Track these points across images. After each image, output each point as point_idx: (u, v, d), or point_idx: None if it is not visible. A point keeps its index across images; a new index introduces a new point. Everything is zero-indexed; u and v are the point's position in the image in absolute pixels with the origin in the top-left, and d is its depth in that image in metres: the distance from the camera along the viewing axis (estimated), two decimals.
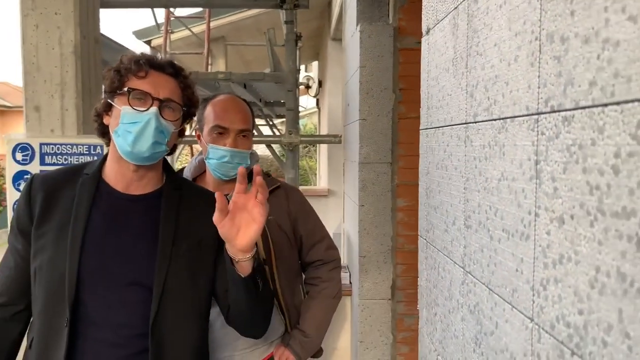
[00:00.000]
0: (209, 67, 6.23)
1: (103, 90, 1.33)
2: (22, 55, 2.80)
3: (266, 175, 1.81)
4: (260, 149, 16.90)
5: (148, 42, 7.30)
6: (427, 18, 1.16)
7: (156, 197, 1.37)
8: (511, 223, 0.70)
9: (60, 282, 1.24)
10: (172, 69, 1.34)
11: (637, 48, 0.43)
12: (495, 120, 0.76)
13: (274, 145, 3.76)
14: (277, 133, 8.56)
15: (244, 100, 1.78)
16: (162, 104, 1.29)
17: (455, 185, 0.95)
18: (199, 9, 7.02)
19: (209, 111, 1.68)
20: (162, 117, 1.28)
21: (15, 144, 2.81)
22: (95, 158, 3.04)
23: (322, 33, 9.20)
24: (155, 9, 5.47)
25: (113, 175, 1.34)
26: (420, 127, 1.21)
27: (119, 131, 1.27)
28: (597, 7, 0.49)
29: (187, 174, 1.78)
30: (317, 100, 10.80)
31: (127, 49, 3.96)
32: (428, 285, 1.15)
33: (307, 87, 10.41)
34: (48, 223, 1.30)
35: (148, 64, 1.30)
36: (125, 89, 1.27)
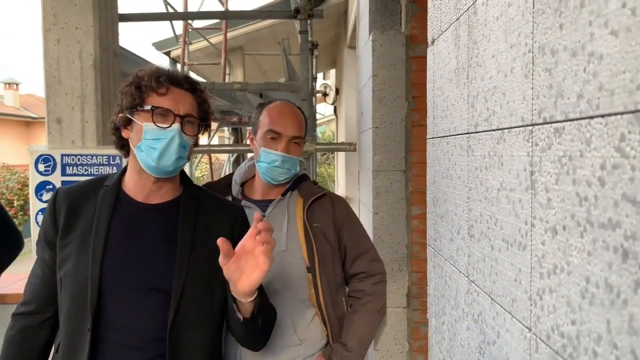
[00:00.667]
0: (227, 77, 6.31)
1: (120, 104, 1.35)
2: (44, 69, 2.89)
3: (313, 183, 1.83)
4: None
5: (167, 53, 7.44)
6: (432, 29, 1.17)
7: (174, 205, 1.41)
8: (510, 233, 0.70)
9: (83, 289, 1.29)
10: (189, 85, 1.38)
11: (619, 62, 0.44)
12: (494, 130, 0.76)
13: None
14: None
15: (299, 109, 1.81)
16: (183, 120, 1.33)
17: (459, 195, 0.96)
18: (216, 20, 7.12)
19: (264, 116, 1.72)
20: (183, 132, 1.33)
21: (38, 155, 2.89)
22: (115, 168, 3.11)
23: (339, 41, 9.25)
24: (174, 22, 5.57)
25: (133, 186, 1.38)
26: (427, 136, 1.22)
27: (142, 147, 1.31)
28: (583, 21, 0.50)
29: (236, 178, 1.80)
30: (335, 108, 10.83)
31: (145, 61, 4.05)
32: (436, 294, 1.16)
33: (325, 94, 10.46)
34: (72, 233, 1.35)
35: (169, 81, 1.34)
36: (149, 107, 1.30)
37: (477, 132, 0.84)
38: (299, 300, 1.68)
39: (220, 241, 1.17)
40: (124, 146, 1.39)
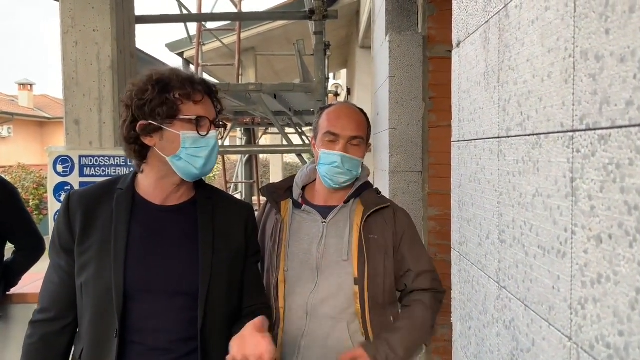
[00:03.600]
0: (240, 77, 6.33)
1: (137, 110, 1.29)
2: (63, 71, 2.92)
3: (376, 192, 1.78)
4: (291, 156, 16.97)
5: (180, 54, 7.48)
6: (457, 31, 1.16)
7: (191, 206, 1.42)
8: (547, 240, 0.69)
9: (107, 295, 1.29)
10: (207, 88, 1.38)
11: None
12: (529, 135, 0.75)
13: (304, 154, 3.79)
14: (307, 141, 8.62)
15: (361, 110, 1.77)
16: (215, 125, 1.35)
17: (488, 199, 0.95)
18: (228, 22, 7.14)
19: (323, 119, 1.70)
20: None
21: (56, 156, 2.92)
22: (131, 169, 3.14)
23: (351, 41, 9.24)
24: (187, 23, 5.60)
25: (152, 189, 1.38)
26: (452, 139, 1.21)
27: (182, 155, 1.31)
28: (633, 26, 0.49)
29: (297, 181, 1.78)
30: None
31: (161, 62, 4.07)
32: (462, 298, 1.15)
33: (336, 95, 10.45)
34: (90, 239, 1.34)
35: (204, 90, 1.34)
36: (191, 116, 1.29)
37: (509, 137, 0.83)
38: (352, 314, 1.63)
39: None
40: (145, 155, 1.34)
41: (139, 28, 3.45)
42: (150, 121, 1.29)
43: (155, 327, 1.31)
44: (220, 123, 1.39)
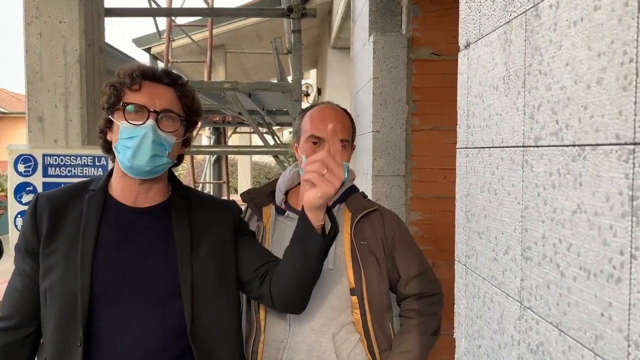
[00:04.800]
0: (211, 75, 6.17)
1: (102, 106, 1.31)
2: (26, 64, 2.74)
3: (362, 196, 1.72)
4: (260, 156, 16.81)
5: (148, 50, 7.26)
6: (466, 31, 1.10)
7: (165, 207, 1.35)
8: (593, 262, 0.63)
9: (72, 300, 1.21)
10: (168, 79, 1.32)
11: None
12: (567, 146, 0.69)
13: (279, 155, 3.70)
14: (277, 142, 8.52)
15: (344, 111, 1.70)
16: (159, 116, 1.26)
17: (507, 212, 0.89)
18: (199, 17, 6.97)
19: (305, 121, 1.62)
20: (160, 129, 1.26)
21: (17, 155, 2.73)
22: (100, 170, 2.97)
23: (321, 41, 9.19)
24: (157, 18, 5.42)
25: (120, 189, 1.32)
26: (458, 146, 1.15)
27: (118, 147, 1.26)
28: None
29: (280, 186, 1.70)
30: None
31: (131, 58, 3.89)
32: (469, 314, 1.09)
33: (306, 94, 10.38)
34: (56, 241, 1.26)
35: (141, 76, 1.28)
36: (121, 103, 1.25)
37: (538, 147, 0.77)
38: (341, 325, 1.56)
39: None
40: (110, 149, 1.33)
41: (105, 21, 3.28)
42: (107, 115, 1.29)
43: (125, 336, 1.23)
44: (174, 115, 1.30)
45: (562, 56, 0.71)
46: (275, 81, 3.75)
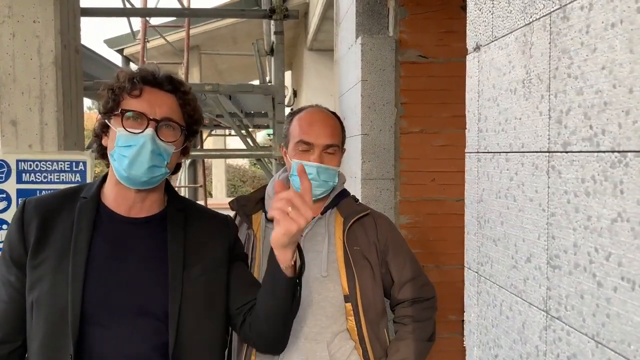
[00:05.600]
0: (187, 76, 6.06)
1: (99, 109, 1.26)
2: None
3: (353, 200, 1.68)
4: (234, 159, 16.63)
5: (120, 51, 7.08)
6: (475, 34, 1.08)
7: (160, 219, 1.28)
8: (638, 272, 0.61)
9: (61, 315, 1.14)
10: (170, 85, 1.25)
11: None
12: (604, 152, 0.67)
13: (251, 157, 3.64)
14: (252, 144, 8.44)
15: (334, 114, 1.65)
16: (159, 124, 1.19)
17: (530, 219, 0.86)
18: (174, 18, 6.85)
19: (294, 125, 1.57)
20: (160, 138, 1.19)
21: None
22: (78, 175, 2.86)
23: (297, 43, 9.15)
24: (131, 19, 5.29)
25: (113, 198, 1.25)
26: (467, 150, 1.13)
27: (114, 155, 1.20)
28: None
29: (269, 193, 1.64)
30: (292, 109, 10.74)
31: (108, 61, 3.77)
32: (482, 322, 1.06)
33: None
34: (45, 251, 1.19)
35: (142, 81, 1.21)
36: (120, 109, 1.19)
37: (567, 152, 0.75)
38: (335, 332, 1.53)
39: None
40: (104, 155, 1.27)
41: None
42: (101, 117, 1.24)
43: (117, 352, 1.17)
44: (174, 124, 1.23)
45: (597, 59, 0.69)
46: (256, 83, 3.69)
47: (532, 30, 0.85)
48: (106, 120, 1.22)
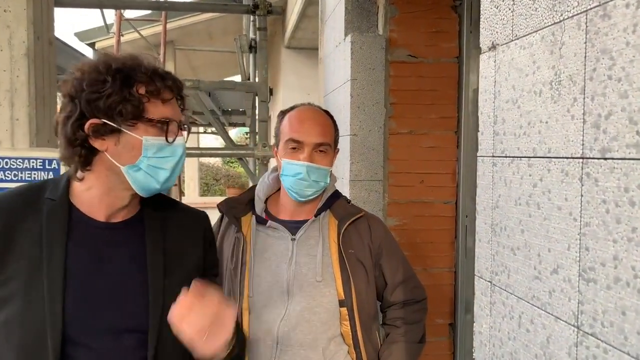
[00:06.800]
0: None
1: (97, 107, 1.03)
2: None
3: (346, 201, 1.61)
4: (207, 158, 16.38)
5: (91, 45, 6.84)
6: (492, 32, 1.03)
7: (139, 220, 1.17)
8: None
9: (39, 337, 1.01)
10: (178, 86, 1.13)
11: None
12: None
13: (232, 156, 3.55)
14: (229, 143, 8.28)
15: (326, 112, 1.58)
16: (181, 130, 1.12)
17: (558, 228, 0.82)
18: (150, 11, 6.66)
19: (284, 124, 1.50)
20: None
21: None
22: (51, 174, 2.71)
23: (273, 41, 9.03)
24: (104, 11, 5.10)
25: (95, 204, 1.11)
26: (480, 154, 1.08)
27: (142, 165, 1.06)
28: None
29: (259, 194, 1.57)
30: (267, 109, 10.61)
31: (81, 54, 3.60)
32: (496, 334, 1.02)
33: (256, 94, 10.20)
34: (10, 264, 1.05)
35: (175, 87, 1.09)
36: (162, 119, 1.06)
37: (607, 159, 0.71)
38: (330, 338, 1.48)
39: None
40: (90, 160, 1.07)
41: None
42: (105, 120, 1.03)
43: None
44: (186, 127, 1.15)
45: None
46: (234, 79, 3.60)
47: (564, 29, 0.80)
48: (118, 125, 1.05)
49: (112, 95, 1.03)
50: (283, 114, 1.58)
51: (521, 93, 0.93)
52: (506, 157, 0.98)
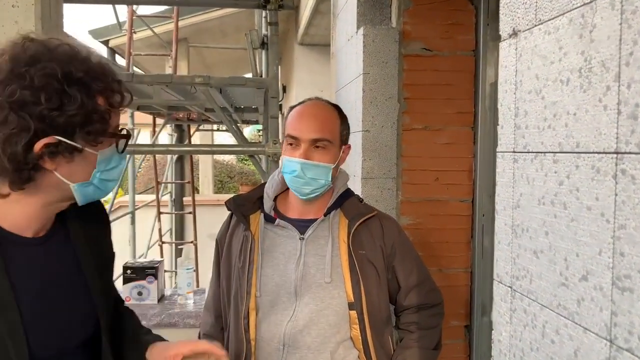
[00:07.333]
0: (176, 69, 5.88)
1: (53, 124, 0.89)
2: None
3: (358, 200, 1.56)
4: (222, 155, 16.41)
5: (105, 42, 6.85)
6: (513, 18, 0.96)
7: (59, 228, 1.06)
8: None
9: None
10: (126, 90, 1.04)
11: None
12: None
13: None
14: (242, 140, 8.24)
15: (335, 107, 1.53)
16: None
17: (587, 230, 0.74)
18: (162, 8, 6.65)
19: (287, 120, 1.47)
20: None
21: None
22: None
23: (287, 37, 8.99)
24: (117, 8, 5.08)
25: (25, 220, 0.97)
26: (500, 150, 1.00)
27: (95, 181, 0.97)
28: None
29: (268, 192, 1.52)
30: (280, 106, 10.58)
31: (92, 49, 3.56)
32: (517, 344, 0.94)
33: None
34: None
35: (125, 89, 1.00)
36: (120, 130, 0.99)
37: None
38: (339, 341, 1.43)
39: None
40: (29, 179, 0.92)
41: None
42: (63, 139, 0.90)
43: None
44: (126, 130, 1.05)
45: None
46: (249, 76, 3.55)
47: (595, 10, 0.72)
48: (81, 145, 0.92)
49: (76, 112, 0.89)
50: (291, 109, 1.53)
51: (545, 82, 0.85)
52: (529, 152, 0.90)
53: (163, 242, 6.94)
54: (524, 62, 0.92)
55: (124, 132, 1.01)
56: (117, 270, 1.59)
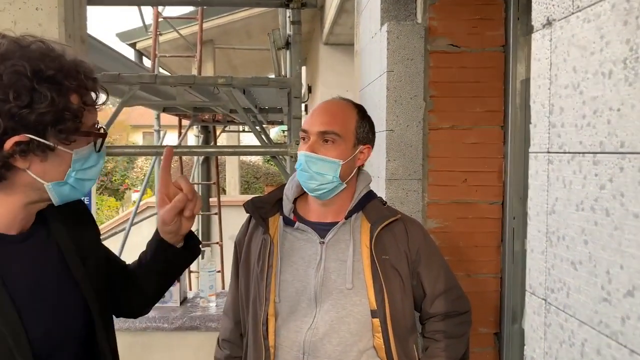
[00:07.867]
0: (201, 70, 5.91)
1: (23, 122, 0.88)
2: None
3: (381, 202, 1.51)
4: (248, 156, 16.53)
5: (133, 45, 6.94)
6: (547, 6, 0.88)
7: (40, 224, 1.06)
8: None
9: None
10: (101, 87, 1.03)
11: None
12: None
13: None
14: (266, 141, 8.25)
15: (355, 105, 1.49)
16: None
17: (634, 240, 0.66)
18: (187, 10, 6.70)
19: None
20: None
21: None
22: None
23: (312, 37, 8.96)
24: (143, 11, 5.13)
25: (8, 220, 0.97)
26: (532, 150, 0.93)
27: (70, 180, 0.96)
28: None
29: (287, 194, 1.49)
30: (306, 106, 10.57)
31: (115, 51, 3.61)
32: None
33: None
34: None
35: (100, 87, 1.00)
36: (96, 128, 0.98)
37: None
38: (361, 351, 1.38)
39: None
40: (4, 178, 0.93)
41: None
42: (34, 137, 0.89)
43: None
44: (103, 128, 1.02)
45: None
46: (272, 76, 3.52)
47: None
48: (54, 143, 0.91)
49: (46, 110, 0.88)
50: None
51: (584, 75, 0.77)
52: (565, 152, 0.82)
53: None
54: (559, 54, 0.84)
55: (101, 130, 0.99)
56: None
